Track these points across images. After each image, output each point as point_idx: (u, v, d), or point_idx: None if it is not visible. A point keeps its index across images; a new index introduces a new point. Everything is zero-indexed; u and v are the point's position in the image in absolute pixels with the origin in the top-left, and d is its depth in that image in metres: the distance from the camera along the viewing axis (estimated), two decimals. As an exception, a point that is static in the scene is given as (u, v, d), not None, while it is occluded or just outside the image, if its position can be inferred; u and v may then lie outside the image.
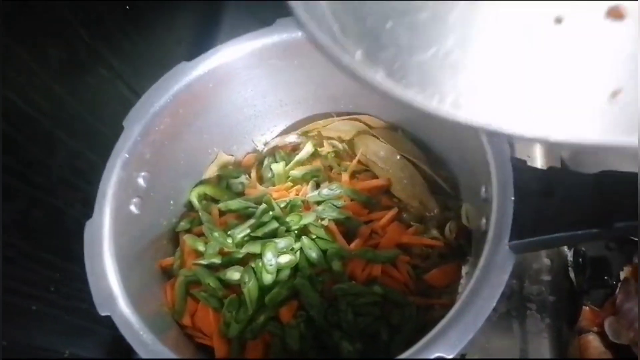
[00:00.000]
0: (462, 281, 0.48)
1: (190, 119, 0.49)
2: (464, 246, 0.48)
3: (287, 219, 0.47)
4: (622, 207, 0.34)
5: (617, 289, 0.57)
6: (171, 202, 0.51)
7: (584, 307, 0.56)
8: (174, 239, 0.51)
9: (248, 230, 0.46)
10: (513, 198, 0.35)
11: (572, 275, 0.54)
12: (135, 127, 0.45)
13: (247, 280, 0.43)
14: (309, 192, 0.51)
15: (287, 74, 0.51)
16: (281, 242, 0.44)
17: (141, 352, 0.36)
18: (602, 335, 0.57)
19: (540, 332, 0.50)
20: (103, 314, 0.37)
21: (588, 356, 0.57)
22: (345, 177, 0.52)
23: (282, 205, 0.49)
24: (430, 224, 0.50)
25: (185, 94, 0.47)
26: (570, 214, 0.35)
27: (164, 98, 0.46)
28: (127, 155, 0.44)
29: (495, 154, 0.37)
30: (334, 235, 0.47)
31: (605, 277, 0.55)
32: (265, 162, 0.56)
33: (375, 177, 0.53)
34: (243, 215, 0.49)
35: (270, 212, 0.47)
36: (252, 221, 0.47)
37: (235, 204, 0.49)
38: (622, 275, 0.59)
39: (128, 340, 0.36)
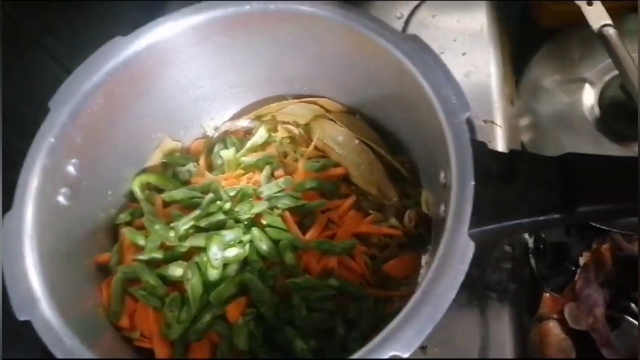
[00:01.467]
0: (422, 271, 0.46)
1: (128, 100, 0.45)
2: (424, 235, 0.46)
3: (237, 209, 0.43)
4: (585, 191, 0.32)
5: (577, 275, 0.57)
6: (109, 192, 0.47)
7: (544, 294, 0.56)
8: (113, 232, 0.47)
9: (192, 222, 0.42)
10: (473, 183, 0.32)
11: (532, 262, 0.53)
12: (63, 108, 0.41)
13: (190, 276, 0.39)
14: (262, 181, 0.47)
15: (235, 52, 0.48)
16: (228, 235, 0.41)
17: (65, 361, 0.32)
18: (562, 322, 0.56)
19: (501, 321, 0.49)
20: (22, 318, 0.33)
21: (548, 343, 0.56)
22: (301, 164, 0.49)
23: (231, 194, 0.45)
24: (389, 213, 0.47)
25: (122, 72, 0.43)
26: (532, 199, 0.33)
27: (96, 76, 0.41)
28: (53, 140, 0.40)
29: (454, 137, 0.34)
30: (288, 224, 0.44)
31: (566, 264, 0.54)
32: (215, 149, 0.52)
33: (333, 163, 0.49)
34: (189, 206, 0.45)
35: (218, 202, 0.43)
36: (197, 212, 0.43)
37: (179, 193, 0.46)
38: (582, 261, 0.58)
39: (50, 347, 0.32)
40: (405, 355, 0.29)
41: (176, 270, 0.40)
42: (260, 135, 0.52)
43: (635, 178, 0.31)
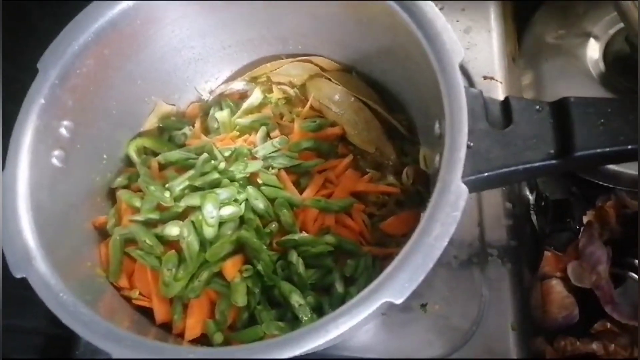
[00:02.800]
0: (421, 228, 0.46)
1: (118, 61, 0.44)
2: (422, 192, 0.46)
3: (231, 168, 0.43)
4: (581, 135, 0.31)
5: (580, 234, 0.56)
6: (104, 156, 0.46)
7: (546, 252, 0.55)
8: (111, 196, 0.47)
9: (187, 182, 0.42)
10: (466, 130, 0.31)
11: (534, 218, 0.52)
12: (52, 69, 0.40)
13: (186, 234, 0.39)
14: (257, 141, 0.47)
15: (227, 10, 0.46)
16: (223, 193, 0.41)
17: (62, 316, 0.32)
18: (565, 280, 0.56)
19: (502, 278, 0.48)
20: (18, 275, 0.33)
21: (551, 301, 0.56)
22: (297, 124, 0.48)
23: (226, 154, 0.45)
24: (387, 171, 0.47)
25: (110, 32, 0.42)
26: (527, 145, 0.32)
27: (83, 36, 0.41)
28: (43, 102, 0.39)
29: (447, 84, 0.33)
30: (284, 182, 0.44)
31: (568, 220, 0.53)
32: (211, 112, 0.52)
33: (329, 123, 0.49)
34: (184, 167, 0.45)
35: (212, 162, 0.43)
36: (192, 172, 0.42)
37: (174, 155, 0.45)
38: (585, 219, 0.58)
39: (45, 302, 0.32)
40: (398, 302, 0.29)
41: (172, 230, 0.40)
42: (256, 96, 0.51)
43: (632, 119, 0.30)
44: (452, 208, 0.30)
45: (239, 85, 0.53)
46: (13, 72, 0.45)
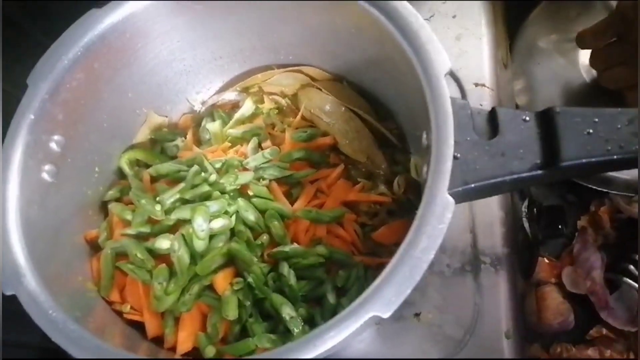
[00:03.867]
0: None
1: (108, 74, 0.44)
2: (414, 201, 0.46)
3: (222, 180, 0.43)
4: (567, 146, 0.31)
5: (575, 239, 0.56)
6: (96, 168, 0.46)
7: (540, 258, 0.55)
8: (103, 209, 0.47)
9: (178, 195, 0.42)
10: (452, 141, 0.31)
11: (526, 225, 0.52)
12: (42, 84, 0.40)
13: (176, 248, 0.39)
14: (249, 152, 0.47)
15: (217, 21, 0.47)
16: (213, 205, 0.41)
17: (51, 333, 0.32)
18: (560, 286, 0.56)
19: (496, 286, 0.48)
20: (7, 293, 0.33)
21: (546, 307, 0.56)
22: (288, 134, 0.48)
23: (217, 166, 0.45)
24: (379, 180, 0.47)
25: (99, 46, 0.42)
26: (514, 155, 0.32)
27: (73, 51, 0.41)
28: (32, 117, 0.39)
29: (433, 95, 0.34)
30: (275, 194, 0.44)
31: (560, 226, 0.53)
32: (203, 123, 0.52)
33: (321, 133, 0.49)
34: (175, 180, 0.45)
35: (203, 174, 0.43)
36: (182, 185, 0.43)
37: (165, 167, 0.45)
38: (579, 224, 0.58)
39: (35, 320, 0.32)
40: (385, 316, 0.29)
41: (163, 243, 0.40)
42: (247, 107, 0.51)
43: (620, 128, 0.30)
44: (439, 220, 0.30)
45: (230, 95, 0.53)
46: (5, 87, 0.45)
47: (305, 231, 0.43)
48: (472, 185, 0.32)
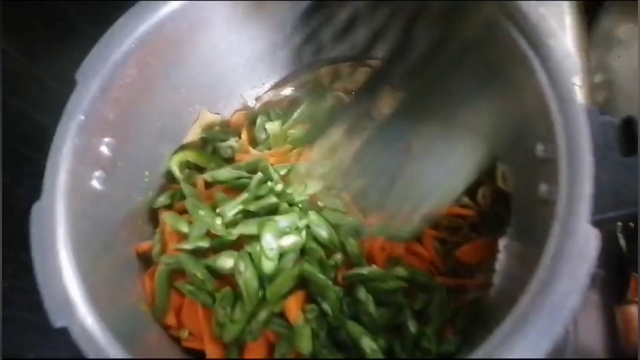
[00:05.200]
0: (500, 256, 0.40)
1: (163, 69, 0.40)
2: (501, 214, 0.40)
3: (289, 190, 0.38)
4: None
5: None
6: (146, 172, 0.42)
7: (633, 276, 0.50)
8: (153, 217, 0.42)
9: (241, 207, 0.37)
10: (589, 158, 0.26)
11: (622, 243, 0.46)
12: (92, 81, 0.36)
13: (242, 269, 0.35)
14: (314, 157, 0.42)
15: (281, 11, 0.41)
16: (283, 221, 0.36)
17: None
18: (647, 305, 0.50)
19: (589, 308, 0.43)
20: (58, 325, 0.29)
21: (631, 329, 0.51)
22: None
23: (281, 173, 0.40)
24: (460, 190, 0.41)
25: (154, 38, 0.37)
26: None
27: (126, 43, 0.36)
28: (82, 118, 0.35)
29: (560, 103, 0.28)
30: (348, 206, 0.39)
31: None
32: (258, 121, 0.47)
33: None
34: (234, 187, 0.40)
35: (268, 183, 0.38)
36: (245, 195, 0.38)
37: (223, 173, 0.41)
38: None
39: (89, 357, 0.28)
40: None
41: (226, 262, 0.36)
42: (308, 105, 0.46)
43: None
44: (581, 257, 0.24)
45: (288, 91, 0.48)
46: (48, 81, 0.41)
47: (382, 248, 0.38)
48: (612, 215, 0.26)
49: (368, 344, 0.34)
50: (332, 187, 0.39)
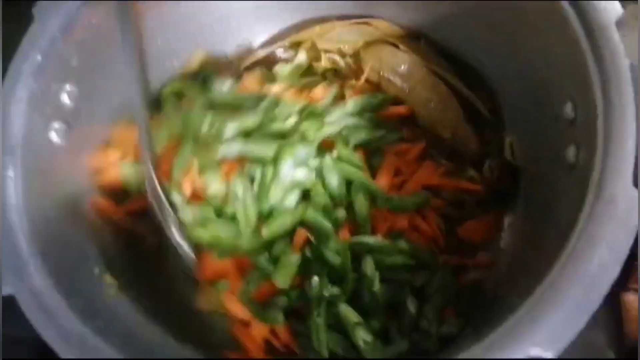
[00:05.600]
0: (504, 235, 0.37)
1: (136, 14, 0.35)
2: (508, 189, 0.37)
3: (303, 126, 0.34)
4: None
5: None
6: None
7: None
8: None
9: (245, 125, 0.34)
10: (634, 111, 0.23)
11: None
12: (52, 17, 0.30)
13: (240, 193, 0.31)
14: (326, 101, 0.37)
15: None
16: (302, 149, 0.32)
17: (62, 349, 0.23)
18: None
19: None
20: (5, 293, 0.24)
21: (631, 319, 0.49)
22: (349, 102, 0.39)
23: (295, 109, 0.36)
24: (465, 162, 0.38)
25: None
26: None
27: (94, -20, 0.31)
28: (39, 58, 0.30)
29: (599, 53, 0.25)
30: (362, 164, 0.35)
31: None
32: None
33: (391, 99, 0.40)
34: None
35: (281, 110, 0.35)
36: (254, 117, 0.34)
37: (224, 96, 0.37)
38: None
39: (41, 332, 0.24)
40: (549, 356, 0.20)
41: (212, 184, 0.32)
42: (302, 58, 0.42)
43: None
44: (622, 224, 0.21)
45: (277, 51, 0.44)
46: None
47: (384, 219, 0.35)
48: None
49: (362, 335, 0.30)
50: (345, 137, 0.35)
